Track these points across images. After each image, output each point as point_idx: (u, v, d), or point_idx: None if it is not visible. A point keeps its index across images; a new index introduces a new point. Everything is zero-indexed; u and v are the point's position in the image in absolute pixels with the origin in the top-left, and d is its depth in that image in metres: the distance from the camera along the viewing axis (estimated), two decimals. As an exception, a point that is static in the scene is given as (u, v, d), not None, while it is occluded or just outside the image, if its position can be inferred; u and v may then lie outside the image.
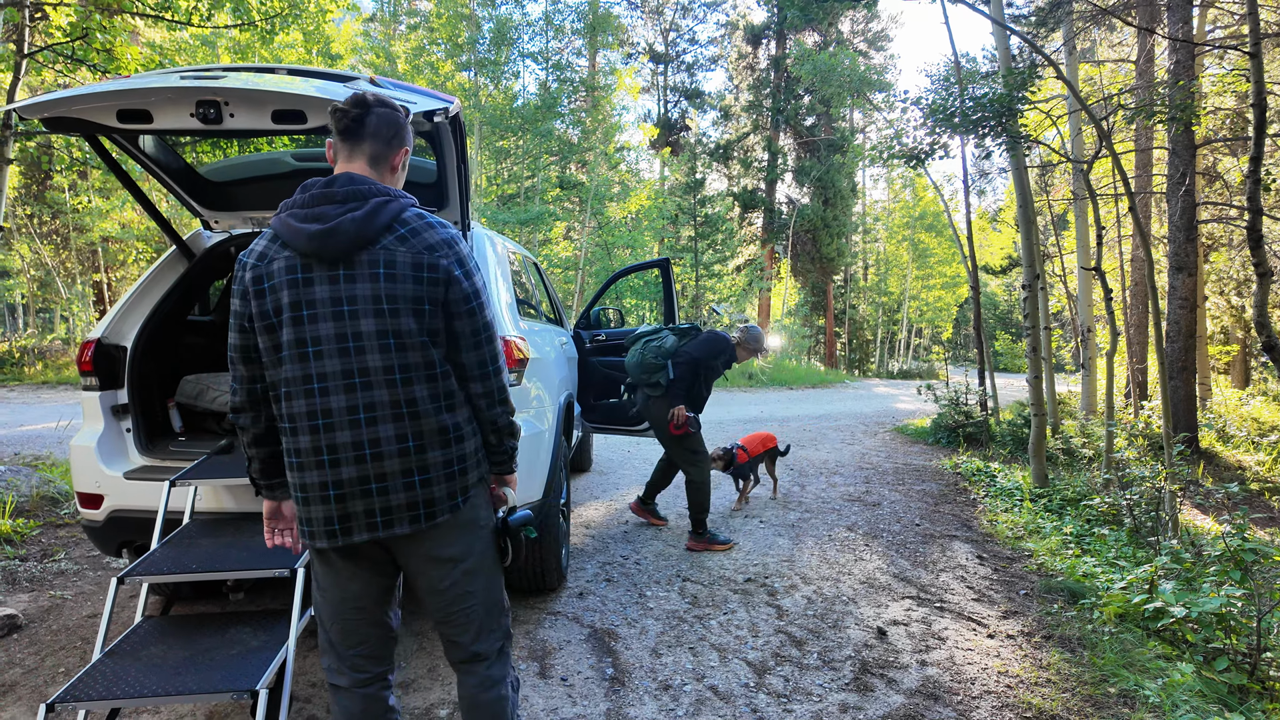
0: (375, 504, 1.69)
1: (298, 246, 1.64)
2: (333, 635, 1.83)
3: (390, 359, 1.68)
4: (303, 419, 1.67)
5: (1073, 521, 5.54)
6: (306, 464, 1.68)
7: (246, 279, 1.69)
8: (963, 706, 2.91)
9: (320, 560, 1.81)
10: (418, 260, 1.69)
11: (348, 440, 1.66)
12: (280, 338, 1.67)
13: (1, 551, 4.30)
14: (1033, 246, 6.47)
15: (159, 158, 3.26)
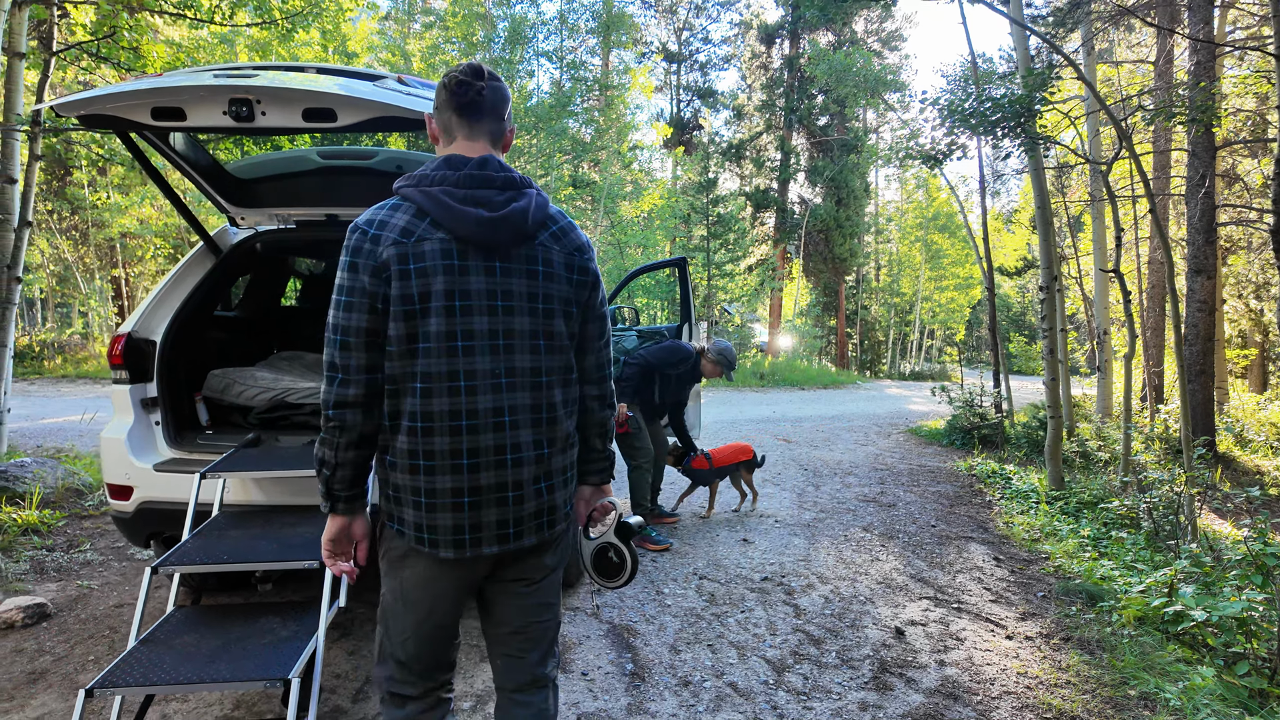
0: (509, 514, 1.59)
1: (458, 230, 1.52)
2: (408, 648, 1.68)
3: (538, 360, 1.60)
4: (443, 418, 1.52)
5: (1090, 524, 5.52)
6: (440, 468, 1.53)
7: (386, 255, 1.50)
8: (982, 706, 2.92)
9: (424, 571, 1.63)
10: (569, 260, 1.64)
11: (490, 444, 1.55)
12: (425, 327, 1.51)
13: (30, 542, 4.37)
14: (1050, 248, 6.45)
15: (188, 155, 3.31)
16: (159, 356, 3.23)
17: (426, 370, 1.51)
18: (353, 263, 1.51)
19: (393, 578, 1.68)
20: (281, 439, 3.26)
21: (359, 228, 1.54)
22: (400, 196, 1.57)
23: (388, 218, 1.53)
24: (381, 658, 1.73)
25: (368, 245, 1.51)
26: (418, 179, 1.56)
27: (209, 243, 3.56)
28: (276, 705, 2.81)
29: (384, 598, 1.72)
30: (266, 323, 4.50)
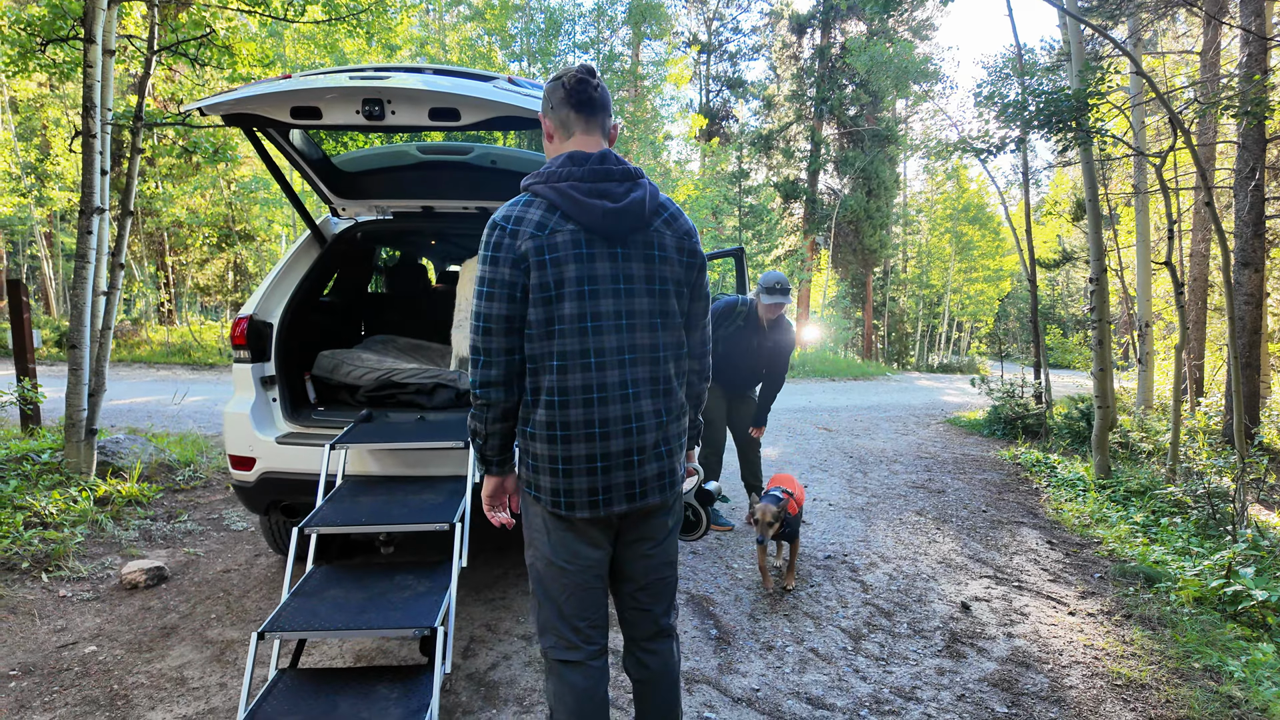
0: (635, 475, 1.77)
1: (585, 221, 1.68)
2: (568, 608, 1.84)
3: (656, 337, 1.77)
4: (577, 392, 1.70)
5: (1139, 511, 5.63)
6: (575, 437, 1.71)
7: (525, 248, 1.66)
8: (1054, 674, 3.09)
9: (565, 531, 1.81)
10: (680, 244, 1.81)
11: (618, 414, 1.72)
12: (560, 310, 1.68)
13: (135, 512, 4.67)
14: (1100, 240, 6.53)
15: (303, 149, 3.54)
16: (276, 338, 3.48)
17: (562, 349, 1.69)
18: (494, 256, 1.69)
19: (538, 544, 1.85)
20: (390, 415, 3.49)
21: (497, 224, 1.71)
22: (531, 193, 1.74)
23: (523, 214, 1.70)
24: (543, 628, 1.88)
25: (507, 240, 1.68)
26: (545, 176, 1.72)
27: (316, 232, 3.79)
28: (396, 650, 3.06)
29: (533, 568, 1.89)
30: (357, 308, 4.75)
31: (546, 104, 1.80)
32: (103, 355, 5.02)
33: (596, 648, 1.88)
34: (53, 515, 4.24)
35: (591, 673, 1.86)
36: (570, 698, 1.84)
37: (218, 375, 13.24)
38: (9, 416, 6.58)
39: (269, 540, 3.90)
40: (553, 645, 1.87)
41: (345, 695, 2.31)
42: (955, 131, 12.34)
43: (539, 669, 3.00)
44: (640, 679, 2.02)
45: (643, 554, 1.92)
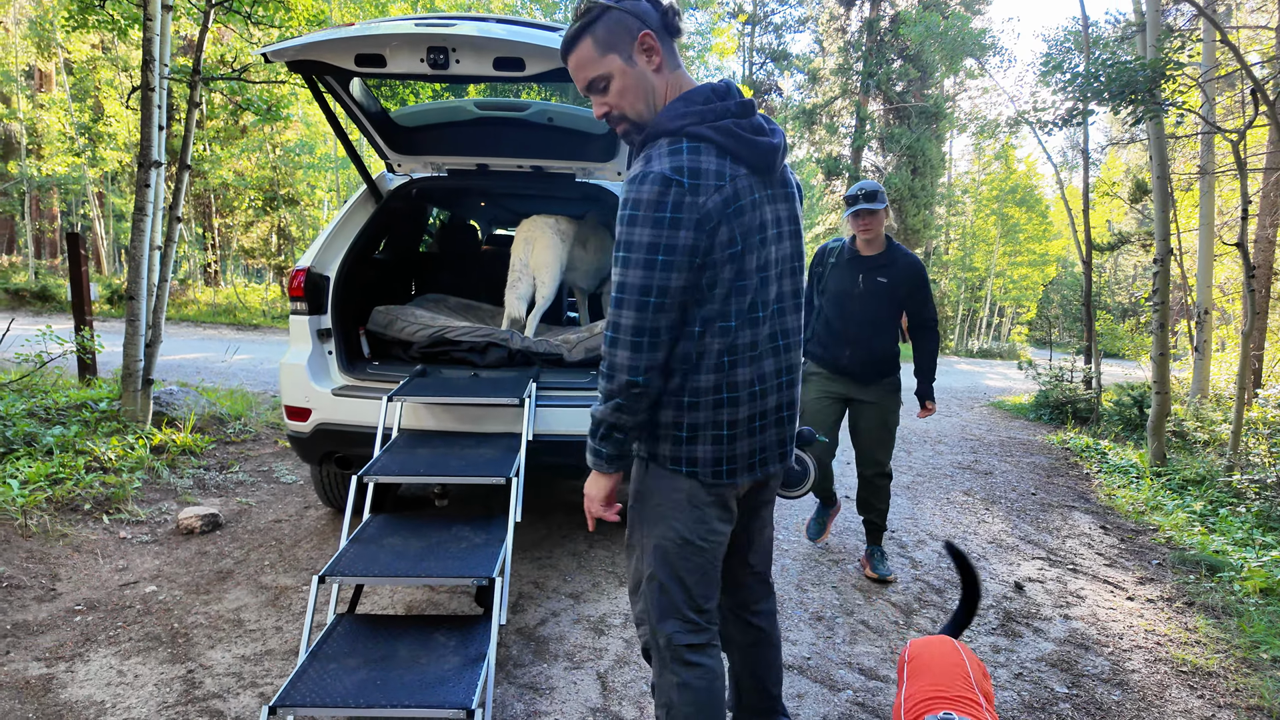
0: (786, 432, 1.69)
1: (756, 163, 1.52)
2: (697, 589, 1.68)
3: (796, 283, 1.67)
4: (745, 350, 1.56)
5: (1196, 500, 5.45)
6: (741, 398, 1.58)
7: (710, 204, 1.45)
8: (1115, 657, 3.00)
9: (710, 506, 1.65)
10: (794, 180, 1.70)
11: (772, 369, 1.62)
12: (743, 265, 1.52)
13: (188, 462, 4.78)
14: (1168, 221, 6.27)
15: (362, 102, 3.52)
16: (333, 291, 3.49)
17: (739, 307, 1.53)
18: (673, 219, 1.43)
19: (672, 522, 1.66)
20: (444, 372, 3.49)
21: (671, 180, 1.43)
22: (691, 138, 1.49)
23: (697, 164, 1.46)
24: (664, 614, 1.70)
25: (688, 198, 1.43)
26: (697, 115, 1.49)
27: (372, 188, 3.78)
28: (446, 602, 3.09)
29: (659, 550, 1.68)
30: (408, 266, 4.75)
31: (636, 26, 1.51)
32: (159, 307, 5.10)
33: (716, 628, 1.77)
34: (111, 461, 4.35)
35: (716, 654, 1.75)
36: (702, 682, 1.69)
37: (262, 336, 13.48)
38: (66, 366, 6.76)
39: (319, 493, 3.95)
40: (677, 630, 1.70)
41: (403, 640, 2.32)
42: (1012, 107, 11.94)
43: (587, 627, 3.01)
44: (751, 643, 1.95)
45: (762, 517, 1.87)
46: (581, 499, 1.83)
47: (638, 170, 1.48)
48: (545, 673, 2.66)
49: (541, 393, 3.28)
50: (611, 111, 1.59)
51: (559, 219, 4.12)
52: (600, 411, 1.57)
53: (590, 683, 2.62)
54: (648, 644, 1.79)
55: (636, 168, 1.49)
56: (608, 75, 1.54)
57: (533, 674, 2.65)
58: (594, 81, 1.56)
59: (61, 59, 17.85)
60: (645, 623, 1.77)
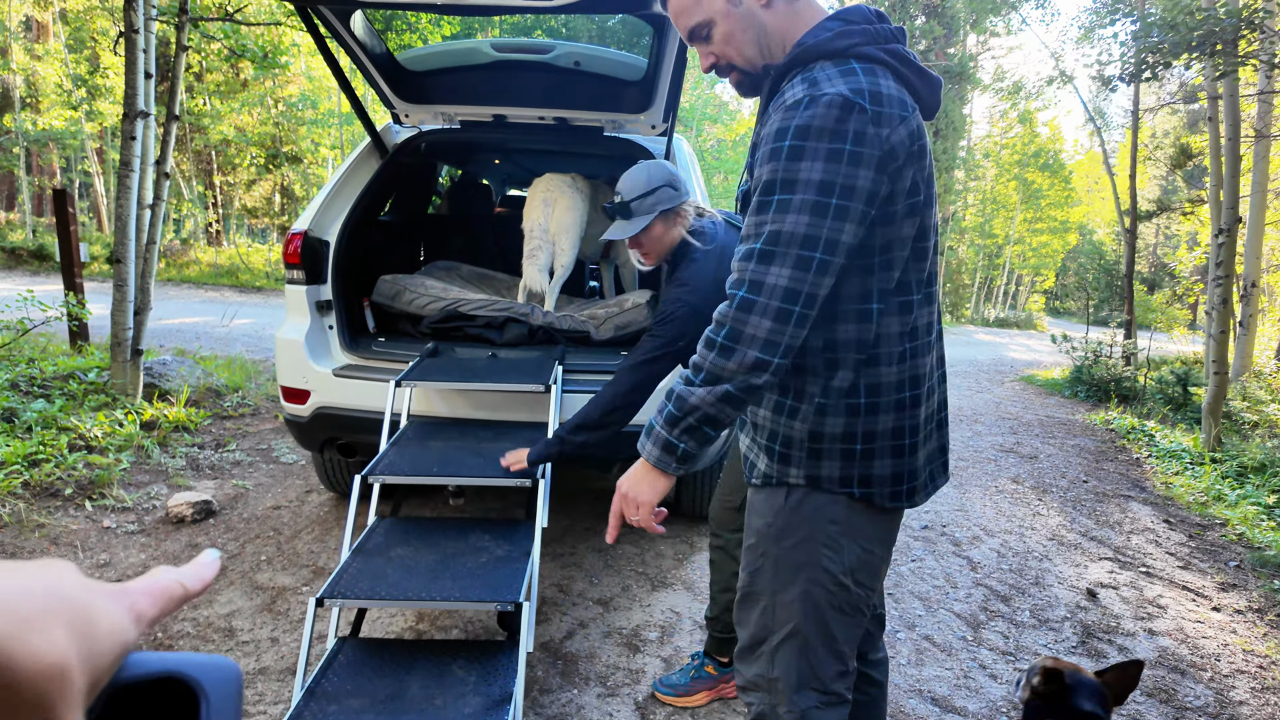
0: (945, 438, 1.39)
1: (929, 100, 1.24)
2: (847, 643, 1.37)
3: (937, 259, 1.35)
4: (923, 333, 1.26)
5: (1260, 491, 5.08)
6: (923, 395, 1.28)
7: (896, 138, 1.12)
8: (1217, 686, 2.66)
9: (881, 533, 1.34)
10: None
11: (933, 364, 1.31)
12: (928, 220, 1.23)
13: (181, 439, 4.44)
14: (1236, 186, 5.78)
15: (366, 42, 3.08)
16: (333, 258, 3.10)
17: (919, 277, 1.23)
18: (853, 152, 1.09)
19: (830, 562, 1.31)
20: (458, 350, 3.12)
21: (853, 103, 1.09)
22: (859, 58, 1.16)
23: (877, 87, 1.13)
24: (802, 682, 1.35)
25: (872, 128, 1.10)
26: (866, 35, 1.18)
27: (376, 141, 3.36)
28: (456, 619, 2.76)
29: (807, 598, 1.33)
30: (416, 230, 4.35)
31: None
32: (148, 271, 4.72)
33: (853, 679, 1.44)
34: (97, 439, 4.01)
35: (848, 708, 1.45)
36: None
37: (265, 298, 13.12)
38: (58, 331, 6.41)
39: (322, 478, 3.61)
40: (815, 706, 1.35)
41: (415, 674, 1.99)
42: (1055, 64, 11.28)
43: (619, 642, 2.68)
44: (866, 700, 1.62)
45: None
46: (608, 487, 1.44)
47: (800, 93, 1.13)
48: (576, 701, 2.33)
49: (567, 376, 2.90)
50: (719, 61, 1.31)
51: (575, 177, 3.69)
52: (697, 395, 1.18)
53: (628, 715, 2.29)
54: (763, 715, 1.41)
55: (798, 91, 1.14)
56: (709, 20, 1.26)
57: (562, 702, 2.32)
58: (695, 30, 1.28)
59: (58, 8, 17.19)
60: (765, 690, 1.40)
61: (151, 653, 0.36)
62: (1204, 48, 4.71)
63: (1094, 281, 15.84)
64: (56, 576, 0.31)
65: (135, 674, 0.35)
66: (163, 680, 0.35)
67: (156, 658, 0.36)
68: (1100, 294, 14.19)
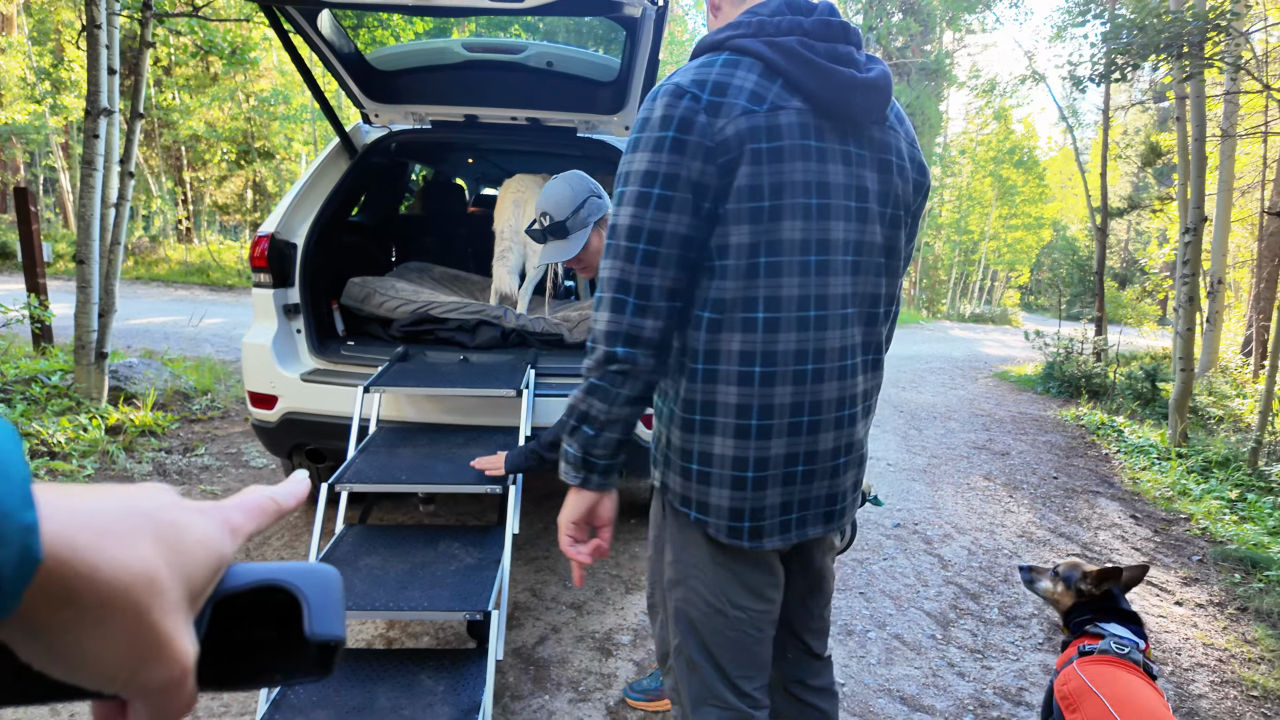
0: (840, 485, 1.25)
1: (822, 97, 1.10)
2: (734, 667, 1.31)
3: (879, 285, 1.21)
4: (788, 360, 1.13)
5: (1223, 485, 5.19)
6: (777, 428, 1.15)
7: (732, 131, 1.07)
8: (1178, 680, 2.72)
9: (739, 565, 1.26)
10: (913, 154, 1.25)
11: (834, 395, 1.17)
12: (775, 234, 1.10)
13: (148, 443, 4.36)
14: (1203, 185, 5.89)
15: (333, 41, 3.03)
16: (301, 261, 3.05)
17: (773, 294, 1.11)
18: (677, 140, 1.07)
19: (694, 584, 1.28)
20: (429, 354, 3.09)
21: (685, 90, 1.09)
22: (732, 50, 1.13)
23: (727, 77, 1.09)
24: (698, 700, 1.33)
25: (702, 117, 1.07)
26: (754, 27, 1.13)
27: (345, 141, 3.31)
28: (426, 625, 2.74)
29: (682, 615, 1.31)
30: (387, 231, 4.30)
31: None
32: (112, 272, 4.63)
33: (765, 711, 1.37)
34: (61, 444, 3.93)
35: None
36: None
37: (236, 297, 12.93)
38: (19, 333, 6.27)
39: (292, 483, 3.56)
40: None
41: (383, 684, 1.97)
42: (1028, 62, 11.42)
43: (591, 646, 2.67)
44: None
45: (817, 587, 1.44)
46: None
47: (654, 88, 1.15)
48: (547, 706, 2.33)
49: (540, 380, 2.89)
50: None
51: (546, 177, 3.69)
52: (574, 394, 1.19)
53: (599, 719, 2.29)
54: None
55: None
56: None
57: (533, 709, 2.31)
58: None
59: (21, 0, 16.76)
60: (677, 703, 1.40)
61: (253, 563, 0.37)
62: (1171, 49, 4.79)
63: (1067, 277, 16.07)
64: (147, 496, 0.32)
65: (238, 584, 0.36)
66: (265, 589, 0.36)
67: (258, 567, 0.37)
68: (1073, 290, 14.41)
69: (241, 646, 0.37)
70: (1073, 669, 1.66)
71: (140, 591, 0.29)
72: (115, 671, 0.30)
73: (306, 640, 0.36)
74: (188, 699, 0.32)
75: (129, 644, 0.29)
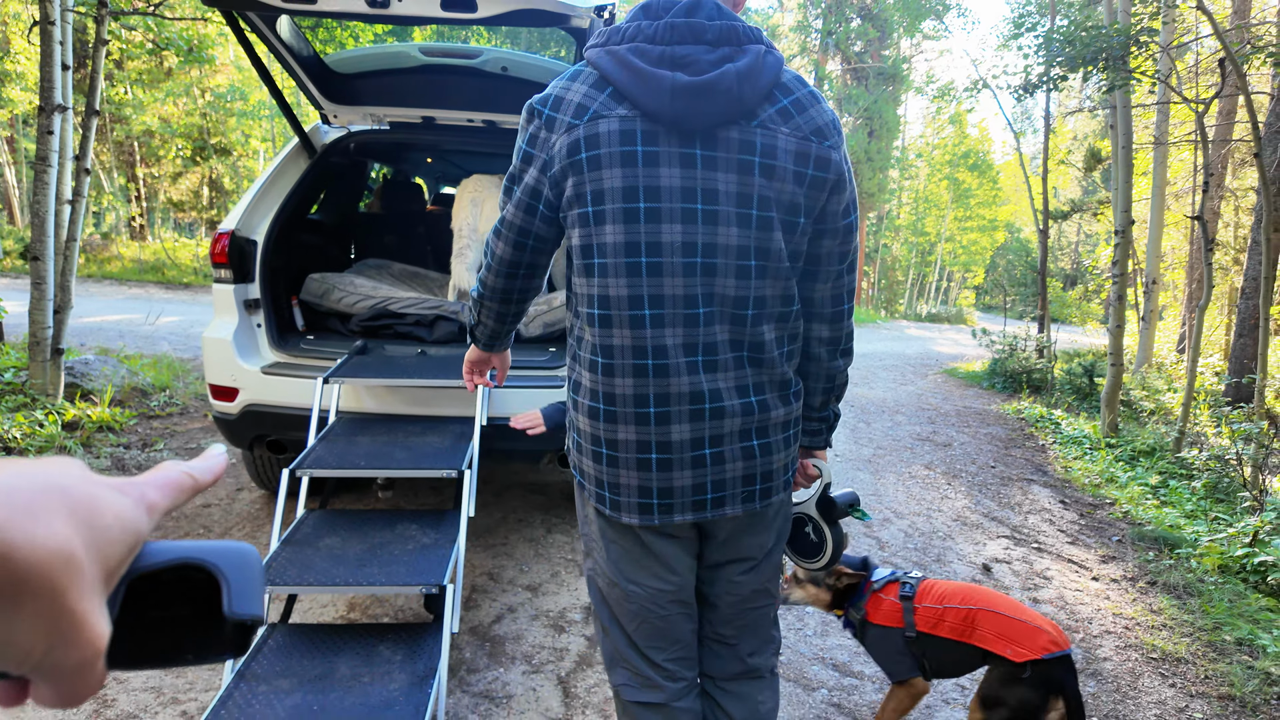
0: (707, 476, 1.28)
1: (647, 104, 1.14)
2: (641, 638, 1.40)
3: (745, 287, 1.23)
4: (625, 354, 1.22)
5: (1148, 473, 5.52)
6: (623, 416, 1.25)
7: (558, 145, 1.19)
8: (1086, 645, 2.95)
9: (628, 542, 1.36)
10: (803, 149, 1.21)
11: (684, 390, 1.23)
12: (600, 237, 1.20)
13: (106, 439, 4.38)
14: (1130, 191, 6.24)
15: (292, 44, 3.12)
16: (261, 257, 3.14)
17: (604, 293, 1.22)
18: (526, 152, 1.26)
19: (595, 555, 1.42)
20: (387, 348, 3.20)
21: (534, 109, 1.25)
22: (585, 60, 1.24)
23: (564, 92, 1.21)
24: (610, 661, 1.47)
25: (543, 133, 1.22)
26: (608, 34, 1.20)
27: (305, 141, 3.40)
28: (393, 599, 2.85)
29: (592, 583, 1.46)
30: (346, 229, 4.38)
31: None
32: (68, 269, 4.63)
33: (684, 683, 1.44)
34: (16, 440, 3.94)
35: (681, 714, 1.44)
36: None
37: (193, 295, 12.74)
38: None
39: (252, 475, 3.64)
40: (624, 683, 1.44)
41: (343, 655, 2.09)
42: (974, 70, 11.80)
43: (546, 624, 2.81)
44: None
45: (729, 578, 1.45)
46: (539, 480, 1.71)
47: None
48: (502, 678, 2.46)
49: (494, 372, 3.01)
50: None
51: (501, 177, 3.82)
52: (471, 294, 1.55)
53: (551, 689, 2.43)
54: None
55: None
56: None
57: (488, 680, 2.45)
58: None
59: (-39, -12, 16.23)
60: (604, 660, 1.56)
61: (169, 541, 0.36)
62: (1097, 62, 5.09)
63: (1018, 277, 16.63)
64: (60, 470, 0.31)
65: (155, 562, 0.35)
66: (182, 567, 0.36)
67: (174, 545, 0.36)
68: (1022, 290, 14.95)
69: (154, 625, 0.36)
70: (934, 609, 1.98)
71: (57, 571, 0.27)
72: (26, 653, 0.28)
73: (224, 619, 0.36)
74: (97, 680, 0.31)
75: (43, 625, 0.28)
